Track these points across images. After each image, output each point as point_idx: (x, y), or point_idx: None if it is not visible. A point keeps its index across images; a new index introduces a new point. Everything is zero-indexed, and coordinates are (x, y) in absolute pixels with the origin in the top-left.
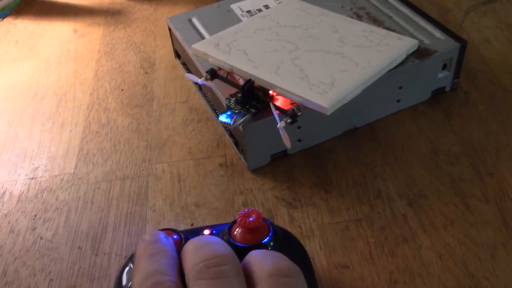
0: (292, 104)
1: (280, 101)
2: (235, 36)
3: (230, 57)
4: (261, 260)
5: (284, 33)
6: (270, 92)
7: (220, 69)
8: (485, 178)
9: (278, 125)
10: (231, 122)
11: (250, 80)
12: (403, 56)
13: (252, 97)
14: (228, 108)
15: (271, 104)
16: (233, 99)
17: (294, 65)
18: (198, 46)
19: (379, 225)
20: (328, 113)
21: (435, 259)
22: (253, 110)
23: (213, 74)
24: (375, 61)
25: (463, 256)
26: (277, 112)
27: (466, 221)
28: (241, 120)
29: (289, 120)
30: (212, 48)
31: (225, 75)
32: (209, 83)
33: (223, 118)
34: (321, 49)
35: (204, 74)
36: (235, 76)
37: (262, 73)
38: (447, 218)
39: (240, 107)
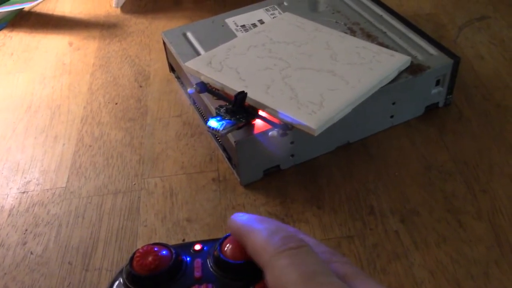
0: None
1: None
2: (228, 53)
3: (222, 75)
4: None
5: (276, 50)
6: None
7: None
8: (478, 194)
9: (270, 133)
10: (221, 128)
11: (243, 91)
12: (395, 73)
13: (243, 109)
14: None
15: (262, 115)
16: (223, 108)
17: (285, 84)
18: (191, 64)
19: (371, 242)
20: (316, 134)
21: (427, 276)
22: (243, 120)
23: (202, 87)
24: (366, 79)
25: (455, 274)
26: (270, 127)
27: (458, 238)
28: (231, 127)
29: (281, 131)
30: (204, 67)
31: (216, 89)
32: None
33: (212, 122)
34: (313, 67)
35: (195, 86)
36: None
37: (252, 93)
38: (439, 235)
39: (229, 116)
